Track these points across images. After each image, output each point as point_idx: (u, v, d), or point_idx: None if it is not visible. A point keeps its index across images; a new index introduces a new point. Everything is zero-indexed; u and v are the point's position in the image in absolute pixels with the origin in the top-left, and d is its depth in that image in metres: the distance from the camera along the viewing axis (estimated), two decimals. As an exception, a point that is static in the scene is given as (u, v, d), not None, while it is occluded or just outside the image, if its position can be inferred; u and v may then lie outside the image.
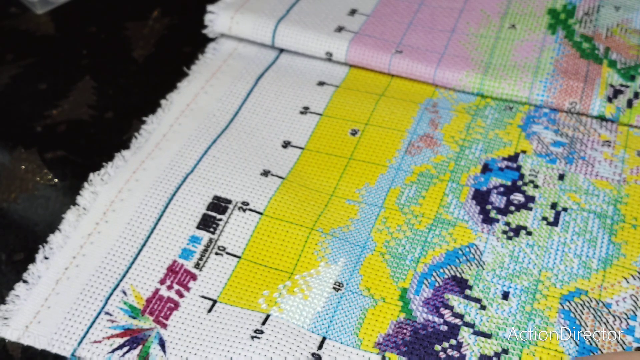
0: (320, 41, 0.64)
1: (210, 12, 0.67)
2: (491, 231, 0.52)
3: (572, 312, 0.48)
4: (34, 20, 0.72)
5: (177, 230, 0.53)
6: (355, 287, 0.49)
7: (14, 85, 0.66)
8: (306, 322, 0.48)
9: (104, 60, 0.68)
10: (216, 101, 0.62)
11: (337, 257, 0.51)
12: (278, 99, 0.62)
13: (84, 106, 0.63)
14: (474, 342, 0.47)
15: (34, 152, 0.60)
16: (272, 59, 0.66)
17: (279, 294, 0.49)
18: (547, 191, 0.54)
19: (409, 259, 0.51)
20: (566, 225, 0.52)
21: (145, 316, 0.48)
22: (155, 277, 0.50)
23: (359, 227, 0.53)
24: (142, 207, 0.54)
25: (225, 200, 0.54)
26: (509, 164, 0.56)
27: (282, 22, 0.65)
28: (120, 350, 0.47)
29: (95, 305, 0.49)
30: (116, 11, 0.73)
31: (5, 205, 0.56)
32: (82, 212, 0.54)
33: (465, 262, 0.50)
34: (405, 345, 0.47)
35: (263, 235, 0.52)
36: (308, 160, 0.57)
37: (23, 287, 0.50)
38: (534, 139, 0.57)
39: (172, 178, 0.56)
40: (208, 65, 0.66)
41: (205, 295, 0.50)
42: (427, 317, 0.48)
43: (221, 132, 0.60)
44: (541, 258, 0.50)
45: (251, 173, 0.56)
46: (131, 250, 0.52)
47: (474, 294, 0.49)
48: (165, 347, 0.47)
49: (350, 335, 0.47)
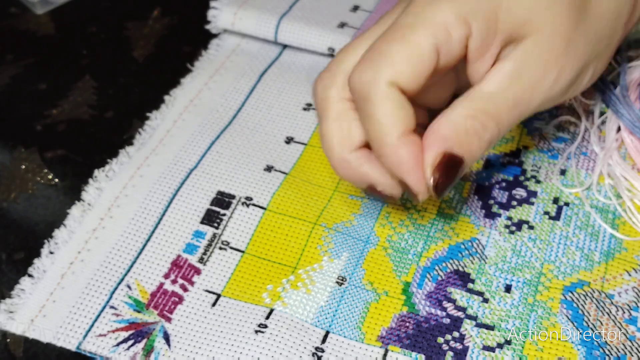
0: (323, 37, 0.64)
1: (213, 8, 0.68)
2: (493, 225, 0.52)
3: (575, 302, 0.48)
4: (34, 20, 0.72)
5: (181, 225, 0.53)
6: (358, 281, 0.50)
7: (14, 85, 0.66)
8: (310, 316, 0.48)
9: (104, 60, 0.68)
10: (220, 97, 0.62)
11: (340, 251, 0.51)
12: (281, 96, 0.63)
13: (84, 106, 0.64)
14: (476, 334, 0.47)
15: (34, 151, 0.60)
16: (275, 55, 0.66)
17: (283, 289, 0.49)
18: (549, 186, 0.54)
19: (411, 253, 0.51)
20: (568, 220, 0.52)
21: (150, 310, 0.49)
22: (160, 271, 0.51)
23: (362, 222, 0.53)
24: (147, 202, 0.54)
25: (229, 196, 0.55)
26: (510, 160, 0.56)
27: (285, 18, 0.66)
28: (125, 344, 0.47)
29: (100, 299, 0.49)
30: (116, 11, 0.73)
31: (5, 205, 0.56)
32: (87, 207, 0.54)
33: (468, 256, 0.51)
34: (408, 338, 0.47)
35: (266, 230, 0.53)
36: (311, 156, 0.58)
37: (28, 281, 0.50)
38: (536, 134, 0.58)
39: (176, 174, 0.56)
40: (211, 61, 0.66)
41: (209, 290, 0.50)
42: (429, 310, 0.48)
43: (224, 127, 0.60)
44: (543, 251, 0.51)
45: (254, 168, 0.56)
46: (136, 245, 0.52)
47: (477, 287, 0.49)
48: (170, 340, 0.47)
49: (353, 329, 0.47)
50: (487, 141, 0.44)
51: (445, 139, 0.43)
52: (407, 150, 0.42)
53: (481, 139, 0.43)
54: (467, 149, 0.43)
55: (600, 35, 0.46)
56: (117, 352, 0.47)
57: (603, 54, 0.47)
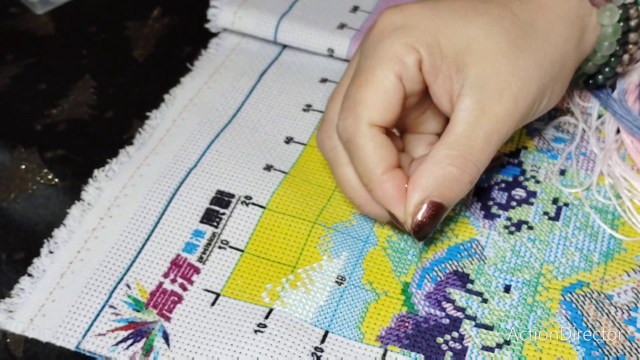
0: (322, 38, 0.65)
1: (213, 7, 0.68)
2: (493, 226, 0.52)
3: (574, 302, 0.48)
4: (34, 20, 0.72)
5: (181, 224, 0.53)
6: (358, 280, 0.50)
7: (14, 85, 0.66)
8: (309, 316, 0.48)
9: (104, 60, 0.68)
10: (219, 96, 0.62)
11: (340, 251, 0.51)
12: (281, 96, 0.63)
13: (84, 106, 0.64)
14: (475, 334, 0.47)
15: (34, 151, 0.60)
16: (274, 55, 0.66)
17: (282, 288, 0.49)
18: (548, 186, 0.54)
19: (411, 253, 0.51)
20: (567, 220, 0.52)
21: (149, 309, 0.49)
22: (159, 270, 0.51)
23: (362, 222, 0.53)
24: (146, 202, 0.54)
25: (229, 195, 0.55)
26: (510, 160, 0.56)
27: (285, 18, 0.66)
28: (124, 343, 0.47)
29: (99, 298, 0.49)
30: (116, 11, 0.73)
31: (5, 205, 0.56)
32: (87, 207, 0.54)
33: (467, 257, 0.51)
34: (408, 338, 0.47)
35: (266, 229, 0.53)
36: (310, 155, 0.58)
37: (28, 280, 0.50)
38: (535, 135, 0.58)
39: (176, 173, 0.56)
40: (211, 60, 0.66)
41: (209, 289, 0.50)
42: (429, 310, 0.48)
43: (224, 127, 0.60)
44: (543, 252, 0.51)
45: (254, 167, 0.56)
46: (135, 244, 0.52)
47: (476, 287, 0.49)
48: (169, 339, 0.47)
49: (352, 329, 0.47)
50: (467, 183, 0.47)
51: (425, 189, 0.46)
52: (391, 185, 0.47)
53: (461, 182, 0.47)
54: (447, 195, 0.47)
55: (552, 59, 0.49)
56: (116, 351, 0.47)
57: (559, 76, 0.50)
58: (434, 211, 0.46)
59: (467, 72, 0.47)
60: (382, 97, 0.47)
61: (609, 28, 0.52)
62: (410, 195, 0.46)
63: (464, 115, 0.47)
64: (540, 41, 0.48)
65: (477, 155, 0.46)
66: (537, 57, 0.48)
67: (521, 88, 0.47)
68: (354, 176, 0.49)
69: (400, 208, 0.47)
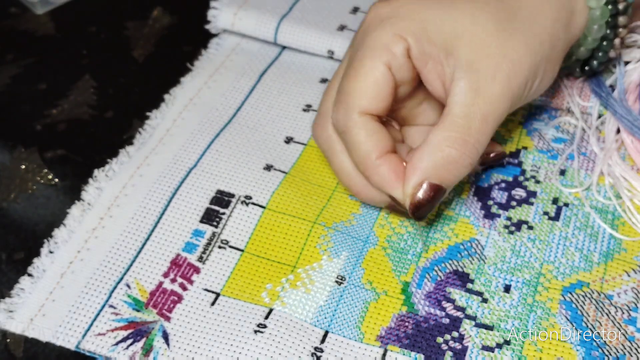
0: (322, 39, 0.65)
1: (213, 8, 0.68)
2: (492, 226, 0.52)
3: (574, 303, 0.48)
4: (34, 20, 0.72)
5: (181, 224, 0.53)
6: (358, 280, 0.50)
7: (14, 85, 0.66)
8: (309, 315, 0.48)
9: (104, 60, 0.68)
10: (219, 96, 0.62)
11: (340, 250, 0.51)
12: (280, 96, 0.63)
13: (84, 106, 0.64)
14: (475, 334, 0.47)
15: (34, 151, 0.60)
16: (274, 55, 0.66)
17: (282, 288, 0.49)
18: (548, 186, 0.54)
19: (410, 253, 0.51)
20: (567, 220, 0.52)
21: (149, 309, 0.49)
22: (159, 270, 0.51)
23: (361, 222, 0.53)
24: (146, 201, 0.54)
25: (228, 194, 0.55)
26: (510, 160, 0.56)
27: (285, 19, 0.66)
28: (124, 343, 0.47)
29: (99, 298, 0.49)
30: (116, 11, 0.73)
31: (5, 205, 0.56)
32: (87, 207, 0.54)
33: (467, 256, 0.51)
34: (408, 338, 0.47)
35: (266, 229, 0.53)
36: (310, 155, 0.58)
37: (28, 280, 0.50)
38: (535, 135, 0.58)
39: (176, 173, 0.56)
40: (211, 60, 0.66)
41: (209, 289, 0.50)
42: (429, 310, 0.48)
43: (224, 126, 0.60)
44: (543, 252, 0.51)
45: (254, 167, 0.56)
46: (135, 244, 0.52)
47: (476, 287, 0.49)
48: (169, 339, 0.47)
49: (352, 329, 0.47)
50: (467, 165, 0.48)
51: (424, 171, 0.47)
52: (387, 168, 0.48)
53: (461, 164, 0.47)
54: (446, 178, 0.48)
55: (541, 39, 0.50)
56: (116, 351, 0.47)
57: (550, 57, 0.51)
58: (432, 192, 0.47)
59: (457, 56, 0.48)
60: (372, 86, 0.48)
61: (597, 11, 0.52)
62: (408, 177, 0.47)
63: (459, 98, 0.47)
64: (528, 22, 0.49)
65: (476, 136, 0.47)
66: (526, 37, 0.49)
67: (512, 68, 0.48)
68: (350, 164, 0.50)
69: (399, 189, 0.48)
